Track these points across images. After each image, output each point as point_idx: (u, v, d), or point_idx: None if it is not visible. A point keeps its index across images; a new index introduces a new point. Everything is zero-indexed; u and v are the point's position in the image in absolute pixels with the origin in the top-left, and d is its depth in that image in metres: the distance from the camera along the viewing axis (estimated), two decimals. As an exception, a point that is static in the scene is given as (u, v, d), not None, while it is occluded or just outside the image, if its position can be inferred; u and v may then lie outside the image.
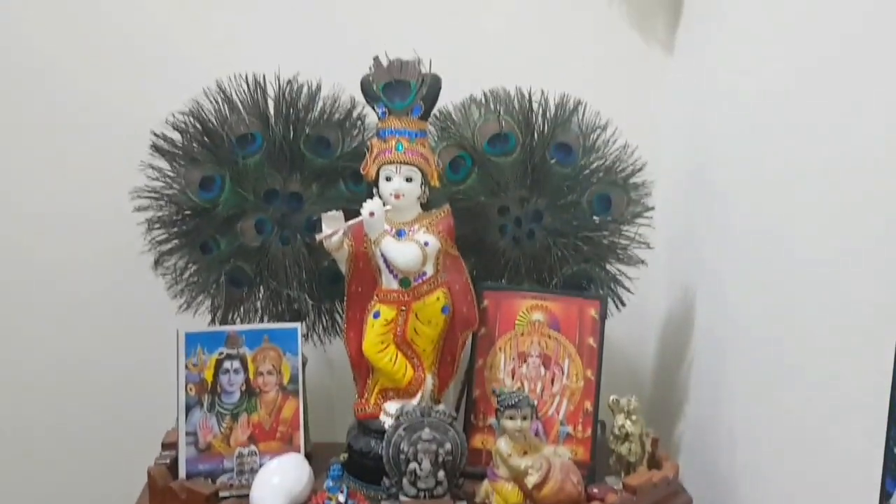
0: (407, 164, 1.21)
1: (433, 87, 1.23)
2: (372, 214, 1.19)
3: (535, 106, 1.35)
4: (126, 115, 1.48)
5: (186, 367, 1.24)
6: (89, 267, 1.55)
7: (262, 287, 1.36)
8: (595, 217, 1.35)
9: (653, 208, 1.35)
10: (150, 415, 1.40)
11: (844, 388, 0.90)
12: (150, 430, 1.32)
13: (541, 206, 1.35)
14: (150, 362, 1.49)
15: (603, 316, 1.30)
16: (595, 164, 1.34)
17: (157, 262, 1.32)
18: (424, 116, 1.24)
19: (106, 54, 1.49)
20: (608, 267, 1.37)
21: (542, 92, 1.35)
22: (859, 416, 0.86)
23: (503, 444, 1.16)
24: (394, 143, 1.22)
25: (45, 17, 1.46)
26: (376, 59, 1.24)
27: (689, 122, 1.47)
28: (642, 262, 1.37)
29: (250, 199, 1.32)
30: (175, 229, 1.32)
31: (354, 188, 1.36)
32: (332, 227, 1.23)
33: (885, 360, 0.79)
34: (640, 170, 1.34)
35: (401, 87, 1.23)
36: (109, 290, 1.56)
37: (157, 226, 1.31)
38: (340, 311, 1.38)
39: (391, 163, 1.21)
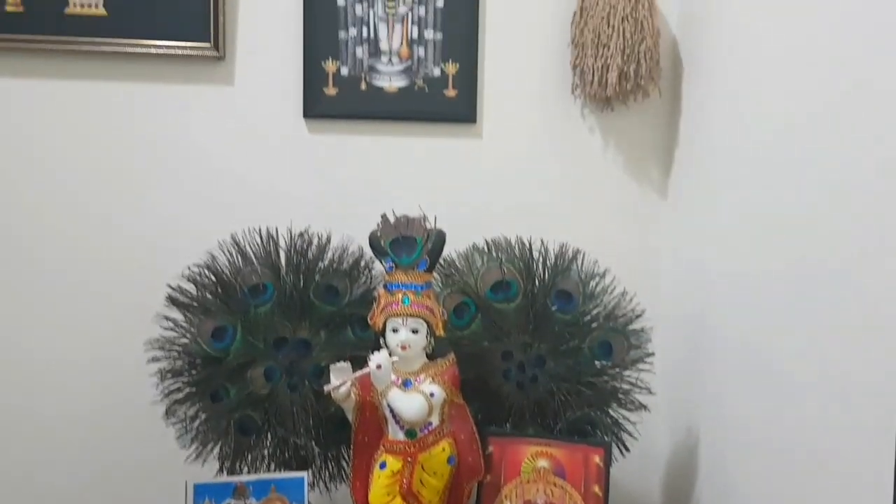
0: (413, 316, 1.27)
1: (438, 241, 1.31)
2: (379, 367, 1.23)
3: (535, 254, 1.43)
4: (143, 267, 1.56)
5: (195, 519, 1.26)
6: (98, 417, 1.59)
7: (269, 434, 1.40)
8: (597, 362, 1.41)
9: (652, 354, 1.41)
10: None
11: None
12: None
13: (543, 352, 1.40)
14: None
15: (607, 464, 1.32)
16: (595, 311, 1.41)
17: (168, 412, 1.36)
18: (430, 269, 1.31)
19: (124, 208, 1.58)
20: (611, 412, 1.41)
21: (542, 241, 1.43)
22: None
23: None
24: (400, 296, 1.28)
25: (66, 171, 1.56)
26: (384, 216, 1.32)
27: (685, 267, 1.54)
28: (644, 407, 1.42)
29: (260, 347, 1.37)
30: (187, 379, 1.37)
31: (361, 334, 1.42)
32: (340, 378, 1.28)
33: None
34: (638, 316, 1.40)
35: (407, 243, 1.31)
36: (120, 440, 1.59)
37: (169, 376, 1.36)
38: (347, 458, 1.41)
39: (398, 315, 1.27)
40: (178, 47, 1.54)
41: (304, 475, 1.33)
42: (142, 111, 1.56)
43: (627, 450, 1.42)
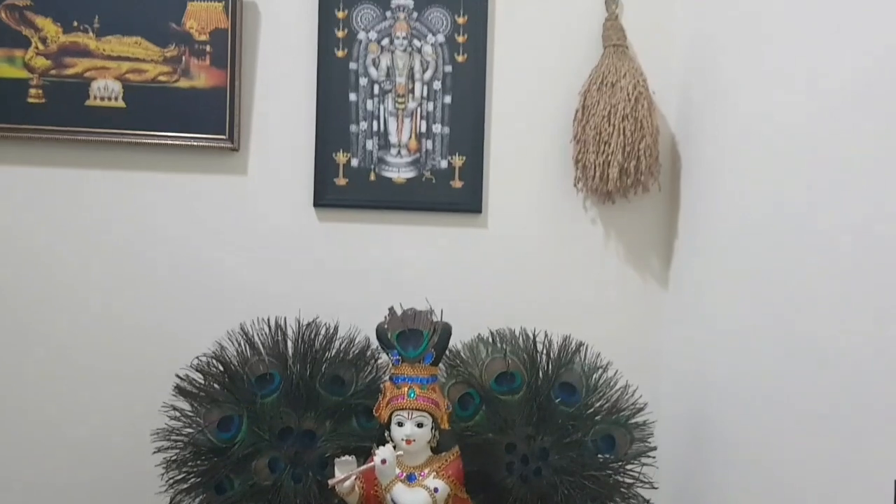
0: (419, 410, 1.30)
1: (444, 335, 1.35)
2: (384, 462, 1.26)
3: (539, 346, 1.47)
4: (151, 355, 1.60)
5: None
6: None
7: (272, 526, 1.41)
8: (600, 456, 1.43)
9: (655, 448, 1.43)
10: None
11: None
12: None
13: (547, 444, 1.43)
14: None
15: (611, 562, 1.34)
16: (598, 404, 1.44)
17: (172, 503, 1.37)
18: (436, 363, 1.35)
19: (139, 294, 1.62)
20: (614, 506, 1.43)
21: (546, 333, 1.47)
22: None
23: None
24: (406, 389, 1.31)
25: (85, 256, 1.61)
26: (391, 309, 1.37)
27: (687, 359, 1.58)
28: (648, 501, 1.43)
29: (266, 437, 1.40)
30: (192, 469, 1.39)
31: (366, 424, 1.44)
32: (345, 472, 1.30)
33: None
34: (640, 410, 1.43)
35: (414, 337, 1.35)
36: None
37: (174, 466, 1.38)
38: (350, 551, 1.42)
39: (404, 409, 1.30)
40: (194, 139, 1.61)
41: (306, 569, 1.34)
42: (158, 199, 1.62)
43: (631, 546, 1.43)
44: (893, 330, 0.92)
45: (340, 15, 1.64)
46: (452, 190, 1.66)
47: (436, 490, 1.29)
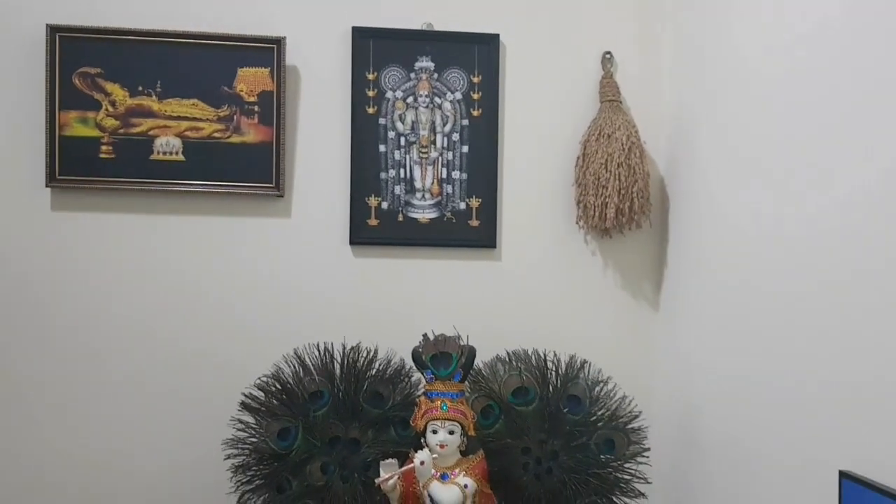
0: (450, 420, 1.61)
1: (470, 356, 1.66)
2: (422, 463, 1.56)
3: (549, 364, 1.78)
4: (218, 377, 1.90)
5: None
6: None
7: (325, 520, 1.71)
8: (602, 456, 1.73)
9: (649, 449, 1.75)
10: None
11: None
12: None
13: (557, 447, 1.74)
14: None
15: (612, 543, 1.64)
16: (600, 413, 1.75)
17: (240, 502, 1.68)
18: (463, 380, 1.66)
19: (201, 325, 1.92)
20: (614, 499, 1.74)
21: (555, 353, 1.79)
22: None
23: None
24: (439, 403, 1.62)
25: (152, 292, 1.91)
26: (425, 335, 1.68)
27: (676, 373, 1.89)
28: (643, 494, 1.75)
29: (318, 445, 1.70)
30: (256, 472, 1.69)
31: (402, 433, 1.75)
32: (388, 472, 1.60)
33: None
34: (636, 417, 1.75)
35: (444, 358, 1.66)
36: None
37: (241, 470, 1.68)
38: (390, 541, 1.72)
39: (437, 419, 1.61)
40: (245, 187, 1.92)
41: (356, 556, 1.64)
42: (214, 241, 1.93)
43: (629, 532, 1.74)
44: (846, 347, 1.23)
45: (371, 77, 1.95)
46: (470, 228, 1.97)
47: (466, 486, 1.59)
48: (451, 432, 1.61)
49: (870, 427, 1.13)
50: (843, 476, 1.16)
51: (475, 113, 1.97)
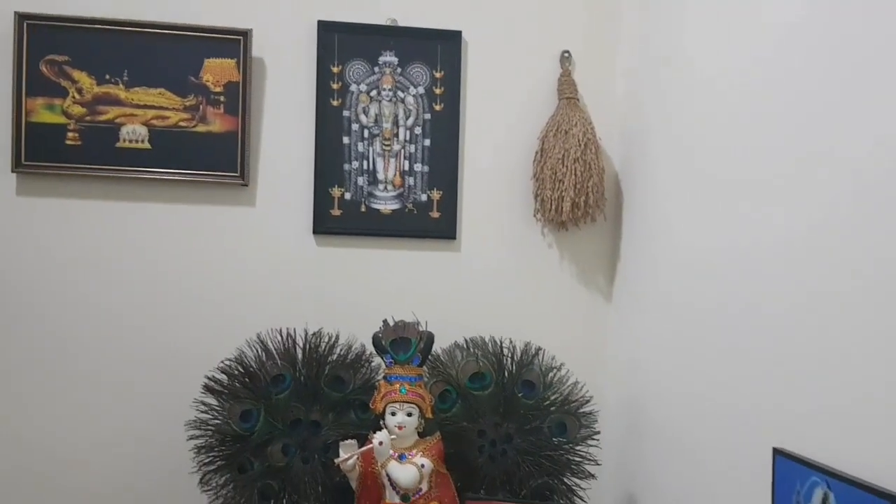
0: (408, 402, 1.70)
1: (428, 342, 1.75)
2: (381, 444, 1.65)
3: (505, 351, 1.88)
4: (181, 360, 1.96)
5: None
6: (144, 486, 1.98)
7: (285, 500, 1.78)
8: (554, 439, 1.84)
9: (598, 432, 1.85)
10: None
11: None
12: None
13: (511, 430, 1.83)
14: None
15: (563, 522, 1.75)
16: (553, 397, 1.85)
17: (202, 481, 1.75)
18: (422, 364, 1.75)
19: (165, 310, 1.99)
20: (566, 480, 1.84)
21: (511, 340, 1.89)
22: None
23: None
24: (398, 386, 1.71)
25: (116, 278, 1.97)
26: (385, 321, 1.76)
27: (625, 360, 2.00)
28: (592, 476, 1.85)
29: (280, 427, 1.78)
30: (218, 453, 1.76)
31: (362, 416, 1.84)
32: (348, 453, 1.68)
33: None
34: (587, 402, 1.85)
35: (404, 343, 1.74)
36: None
37: (204, 451, 1.75)
38: (349, 520, 1.81)
39: (396, 402, 1.70)
40: (210, 176, 1.98)
41: (315, 534, 1.72)
42: (179, 228, 1.99)
43: (579, 511, 1.85)
44: (779, 335, 1.34)
45: (336, 70, 2.03)
46: (431, 220, 2.06)
47: (423, 466, 1.68)
48: (410, 414, 1.70)
49: (800, 408, 1.24)
50: (777, 453, 1.27)
51: (437, 107, 2.07)
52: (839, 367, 1.13)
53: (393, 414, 1.70)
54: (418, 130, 2.06)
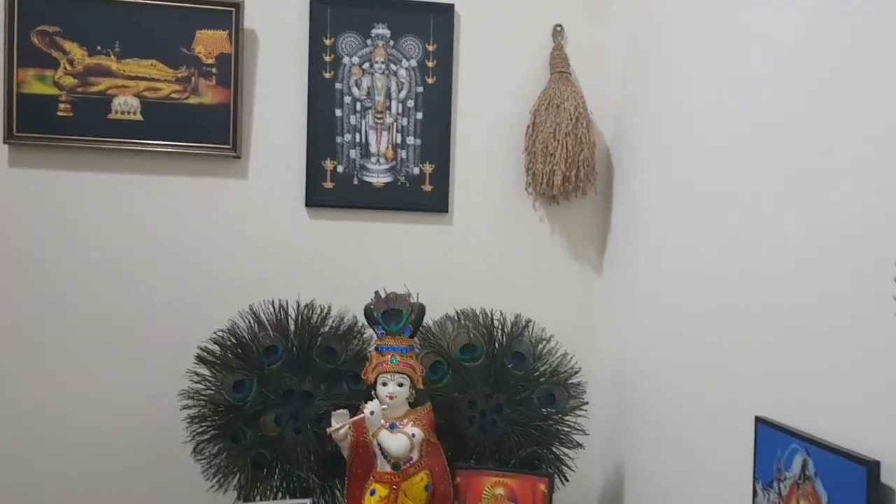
0: (399, 373, 1.73)
1: (419, 313, 1.77)
2: (372, 413, 1.68)
3: (495, 322, 1.91)
4: (175, 331, 1.98)
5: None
6: (137, 455, 2.00)
7: (278, 469, 1.82)
8: (543, 410, 1.87)
9: (587, 403, 1.89)
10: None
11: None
12: None
13: (501, 401, 1.87)
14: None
15: (551, 491, 1.78)
16: (542, 369, 1.88)
17: (196, 450, 1.78)
18: (413, 335, 1.77)
19: (158, 280, 2.01)
20: (554, 449, 1.88)
21: (501, 312, 1.91)
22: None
23: None
24: (389, 357, 1.74)
25: (110, 248, 1.99)
26: (377, 293, 1.79)
27: (615, 332, 2.03)
28: (581, 445, 1.90)
29: (272, 397, 1.81)
30: (211, 423, 1.79)
31: (354, 387, 1.87)
32: (340, 422, 1.71)
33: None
34: (576, 373, 1.89)
35: (395, 314, 1.77)
36: (155, 473, 1.99)
37: (197, 421, 1.78)
38: (341, 488, 1.84)
39: (387, 372, 1.73)
40: (202, 148, 1.99)
41: (307, 502, 1.76)
42: (171, 200, 2.00)
43: (567, 480, 1.90)
44: (761, 308, 1.37)
45: (328, 42, 2.04)
46: (423, 193, 2.08)
47: (413, 435, 1.71)
48: (401, 385, 1.73)
49: (782, 378, 1.27)
50: (759, 421, 1.30)
51: (430, 80, 2.07)
52: (818, 338, 1.15)
53: (384, 384, 1.73)
54: (411, 103, 2.07)
